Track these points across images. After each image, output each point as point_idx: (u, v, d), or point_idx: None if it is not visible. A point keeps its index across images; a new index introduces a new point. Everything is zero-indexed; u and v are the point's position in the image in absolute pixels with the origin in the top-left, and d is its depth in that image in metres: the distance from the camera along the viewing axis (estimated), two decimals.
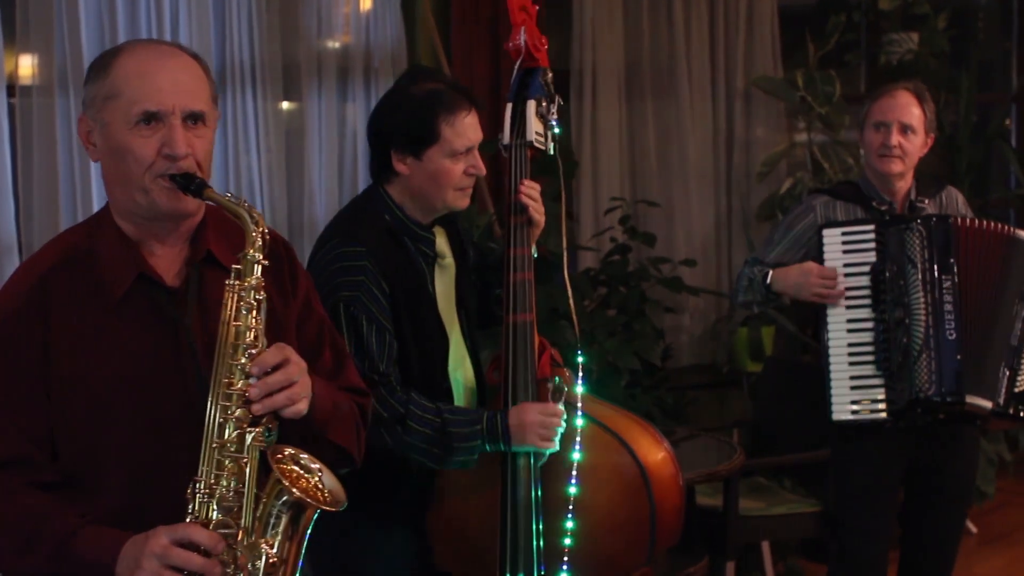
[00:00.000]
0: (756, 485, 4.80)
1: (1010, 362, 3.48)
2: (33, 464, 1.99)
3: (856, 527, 3.65)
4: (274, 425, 1.98)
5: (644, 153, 5.71)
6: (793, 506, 4.54)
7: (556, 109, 3.02)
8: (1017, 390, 3.49)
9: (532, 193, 2.95)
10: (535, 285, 2.91)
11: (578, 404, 2.84)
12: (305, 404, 1.98)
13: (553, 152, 3.05)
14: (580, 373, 2.88)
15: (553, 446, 2.79)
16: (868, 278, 3.50)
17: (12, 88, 4.24)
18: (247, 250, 1.99)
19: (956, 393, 3.42)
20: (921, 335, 3.43)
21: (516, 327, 2.85)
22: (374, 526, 2.87)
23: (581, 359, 2.91)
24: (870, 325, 3.49)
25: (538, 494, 2.81)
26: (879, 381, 3.47)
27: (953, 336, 3.41)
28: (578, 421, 2.83)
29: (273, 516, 1.95)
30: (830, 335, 3.53)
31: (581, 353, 2.93)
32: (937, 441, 3.58)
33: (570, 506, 2.79)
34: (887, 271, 3.48)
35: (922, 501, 3.66)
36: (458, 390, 2.93)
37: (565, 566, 2.79)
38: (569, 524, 2.79)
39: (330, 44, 4.87)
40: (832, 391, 3.51)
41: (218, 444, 1.94)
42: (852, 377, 3.49)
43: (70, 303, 2.02)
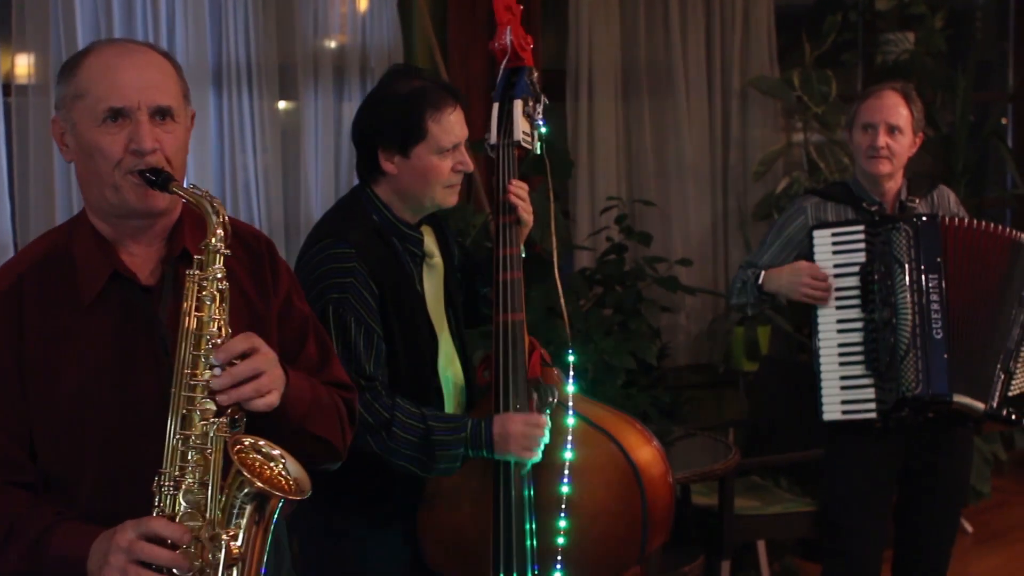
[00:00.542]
0: (752, 484, 4.81)
1: (1006, 364, 3.48)
2: (13, 464, 2.00)
3: (849, 528, 3.66)
4: (240, 416, 1.96)
5: (640, 153, 5.71)
6: (789, 505, 4.55)
7: (542, 108, 3.02)
8: (1012, 393, 3.49)
9: (520, 193, 2.95)
10: (526, 284, 2.91)
11: (569, 403, 2.84)
12: (276, 396, 1.96)
13: (540, 152, 3.04)
14: (571, 372, 2.88)
15: (535, 456, 2.78)
16: (858, 278, 3.52)
17: (8, 87, 4.24)
18: (208, 239, 1.98)
19: (943, 392, 3.42)
20: (908, 334, 3.44)
21: (506, 326, 2.85)
22: (367, 527, 2.87)
23: (572, 358, 2.91)
24: (859, 325, 3.51)
25: (530, 493, 2.81)
26: (868, 381, 3.49)
27: (940, 335, 3.42)
28: (569, 420, 2.83)
29: (236, 508, 1.91)
30: (820, 335, 3.55)
31: (572, 352, 2.93)
32: (930, 442, 3.58)
33: (563, 505, 2.79)
34: (875, 271, 3.50)
35: (916, 502, 3.67)
36: (448, 389, 2.93)
37: (558, 565, 2.79)
38: (562, 523, 2.79)
39: (326, 44, 4.87)
40: (822, 391, 3.54)
41: (182, 436, 1.92)
42: (842, 377, 3.52)
43: (46, 304, 2.03)
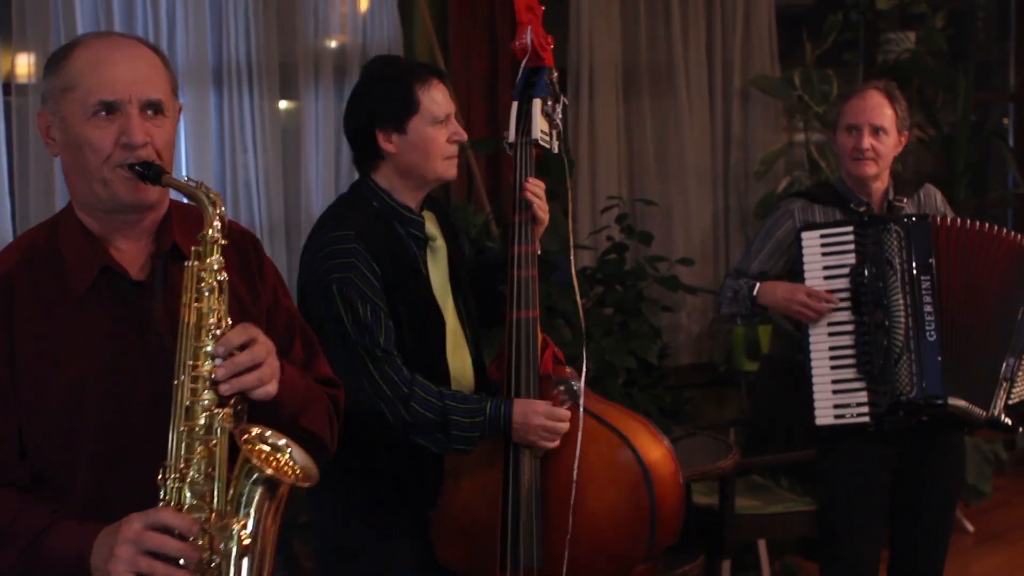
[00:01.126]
0: (753, 484, 4.80)
1: (1008, 372, 3.43)
2: (2, 463, 1.98)
3: (846, 531, 3.62)
4: (243, 407, 1.96)
5: (641, 152, 5.70)
6: (789, 505, 4.55)
7: (561, 108, 3.06)
8: (1012, 401, 3.45)
9: (536, 191, 2.97)
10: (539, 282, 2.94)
11: (580, 400, 2.85)
12: (275, 386, 1.96)
13: (558, 151, 3.08)
14: (584, 369, 2.89)
15: (554, 445, 2.81)
16: (848, 280, 3.47)
17: (8, 86, 4.25)
18: (205, 231, 1.97)
19: (938, 395, 3.38)
20: (901, 337, 3.40)
21: (520, 323, 2.88)
22: (379, 518, 2.89)
23: (584, 355, 2.92)
24: (851, 328, 3.47)
25: (539, 490, 2.83)
26: (861, 385, 3.45)
27: (934, 337, 3.38)
28: (580, 417, 2.84)
29: (245, 497, 1.92)
30: (812, 339, 3.51)
31: (584, 349, 2.94)
32: (923, 445, 3.54)
33: (571, 501, 2.80)
34: (866, 273, 3.45)
35: (910, 505, 3.63)
36: (455, 373, 2.95)
37: (565, 561, 2.80)
38: (570, 519, 2.79)
39: (327, 43, 4.87)
40: (815, 395, 3.49)
41: (186, 428, 1.92)
42: (834, 381, 3.47)
43: (34, 301, 2.01)
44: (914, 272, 3.41)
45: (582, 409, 2.84)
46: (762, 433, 4.89)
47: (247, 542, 1.91)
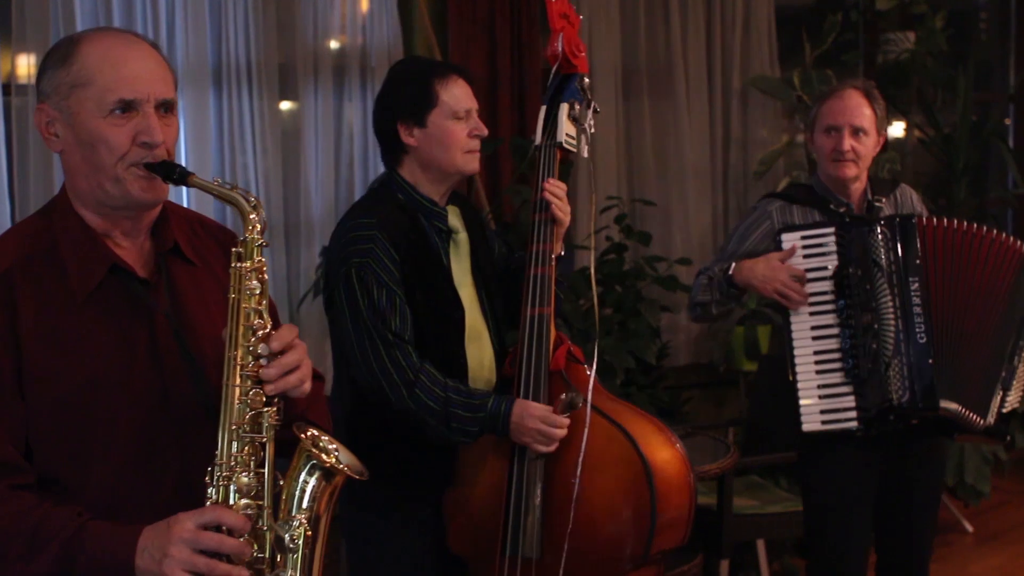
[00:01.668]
0: (751, 483, 4.81)
1: (1005, 381, 3.39)
2: (14, 467, 1.95)
3: (832, 539, 3.53)
4: (282, 405, 2.00)
5: (641, 152, 5.72)
6: (788, 504, 4.55)
7: (592, 113, 3.11)
8: (1005, 410, 3.40)
9: (556, 191, 3.03)
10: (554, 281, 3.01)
11: (580, 402, 2.88)
12: (310, 384, 2.02)
13: (586, 155, 3.14)
14: (594, 366, 2.93)
15: (548, 450, 2.86)
16: (831, 283, 3.38)
17: (8, 87, 4.27)
18: (247, 233, 2.00)
19: (930, 399, 3.30)
20: (892, 340, 3.32)
21: (533, 319, 2.94)
22: (393, 506, 2.97)
23: (595, 351, 2.95)
24: (836, 331, 3.37)
25: (543, 482, 2.87)
26: (848, 389, 3.35)
27: (923, 340, 3.30)
28: (587, 413, 2.87)
29: (300, 489, 1.99)
30: (795, 343, 3.40)
31: (596, 347, 2.97)
32: (908, 447, 3.48)
33: (573, 494, 2.83)
34: (851, 274, 3.37)
35: (896, 506, 3.55)
36: (472, 364, 3.01)
37: (564, 554, 2.82)
38: (571, 512, 2.83)
39: (327, 44, 4.88)
40: (800, 401, 3.38)
41: (236, 426, 1.95)
42: (820, 386, 3.37)
43: (38, 298, 1.98)
44: (902, 273, 3.34)
45: (589, 405, 2.88)
46: (761, 433, 4.89)
47: (309, 533, 1.98)
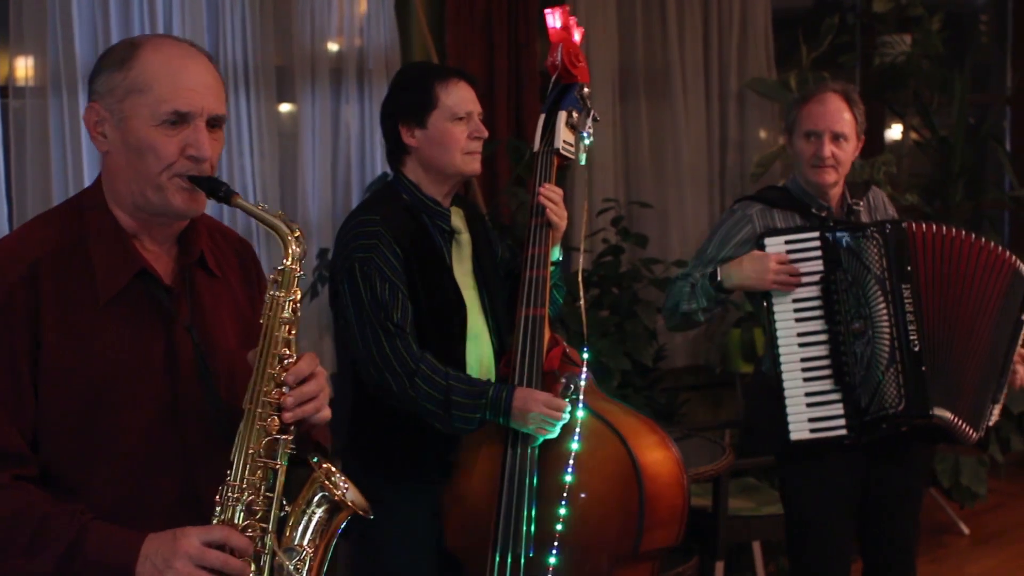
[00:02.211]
0: (747, 485, 4.82)
1: (995, 395, 3.36)
2: (21, 457, 1.96)
3: (812, 552, 3.48)
4: (296, 430, 2.02)
5: (638, 154, 5.72)
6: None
7: (591, 121, 3.17)
8: (991, 423, 3.39)
9: (552, 196, 3.07)
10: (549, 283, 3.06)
11: (580, 396, 2.92)
12: (328, 411, 2.04)
13: (583, 163, 3.23)
14: (584, 368, 2.98)
15: (550, 434, 2.90)
16: (818, 288, 3.32)
17: (6, 89, 4.27)
18: (285, 262, 2.01)
19: (924, 407, 3.26)
20: (887, 348, 3.26)
21: (528, 320, 2.98)
22: (398, 499, 2.99)
23: (587, 354, 3.01)
24: (824, 338, 3.31)
25: (534, 481, 2.90)
26: (837, 396, 3.29)
27: (917, 348, 3.25)
28: (579, 412, 2.92)
29: (307, 518, 2.02)
30: (781, 350, 3.32)
31: (587, 348, 3.03)
32: (886, 456, 3.42)
33: (564, 494, 2.86)
34: (838, 280, 3.31)
35: (879, 511, 3.49)
36: (472, 363, 3.06)
37: (554, 551, 2.86)
38: (562, 511, 2.86)
39: (324, 46, 4.89)
40: (788, 409, 3.30)
41: (253, 450, 1.97)
42: (807, 394, 3.30)
43: (63, 293, 1.98)
44: (895, 280, 3.28)
45: (580, 404, 2.91)
46: (756, 435, 4.88)
47: (309, 561, 2.01)
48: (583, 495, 2.88)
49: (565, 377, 2.93)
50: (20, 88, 4.28)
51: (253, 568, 1.95)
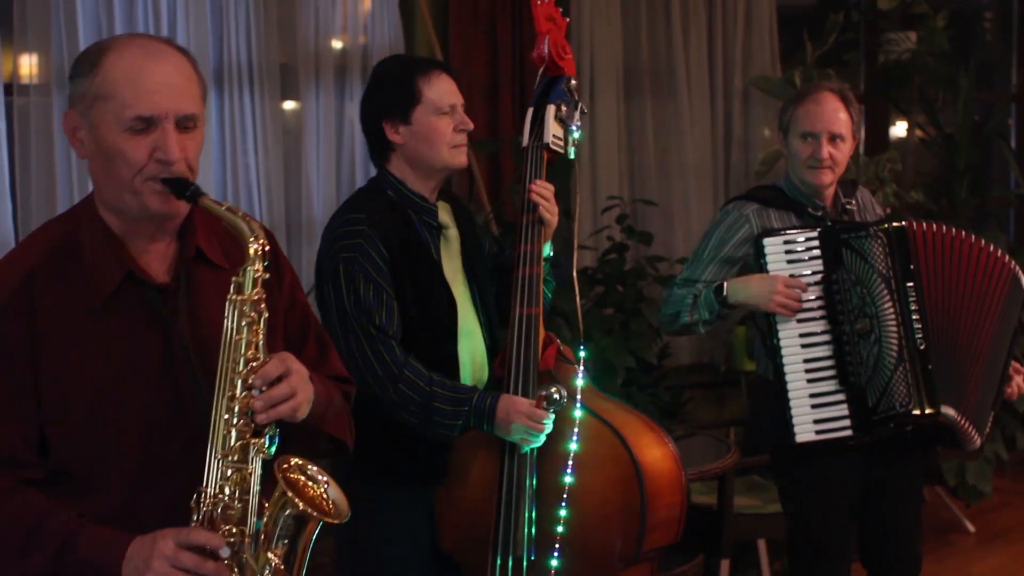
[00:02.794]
0: (752, 483, 4.81)
1: (996, 402, 3.35)
2: (23, 462, 1.98)
3: (812, 551, 3.46)
4: (275, 433, 2.00)
5: (642, 152, 5.72)
6: None
7: (579, 115, 3.13)
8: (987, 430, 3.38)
9: (544, 192, 3.04)
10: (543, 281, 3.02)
11: (578, 396, 2.89)
12: (305, 409, 2.02)
13: (573, 156, 3.16)
14: (581, 367, 2.95)
15: (533, 444, 2.87)
16: (819, 288, 3.30)
17: (10, 87, 4.26)
18: (246, 264, 1.99)
19: (932, 405, 3.23)
20: (895, 348, 3.24)
21: (522, 319, 2.95)
22: (391, 501, 2.96)
23: (583, 353, 2.98)
24: (827, 339, 3.28)
25: (533, 482, 2.88)
26: (841, 397, 3.26)
27: (923, 347, 3.24)
28: (577, 412, 2.89)
29: (279, 527, 1.98)
30: (784, 352, 3.28)
31: (584, 348, 3.00)
32: (886, 456, 3.41)
33: (564, 495, 2.84)
34: (840, 280, 3.29)
35: (877, 518, 3.48)
36: (464, 360, 3.02)
37: (555, 553, 2.84)
38: (562, 512, 2.84)
39: (328, 44, 4.88)
40: (792, 411, 3.26)
41: (222, 455, 1.96)
42: (812, 395, 3.27)
43: (58, 301, 2.00)
44: (901, 279, 3.26)
45: (578, 404, 2.88)
46: (761, 433, 4.87)
47: (282, 569, 1.98)
48: (584, 496, 2.85)
49: (545, 389, 2.86)
50: (24, 86, 4.28)
51: (235, 571, 1.94)
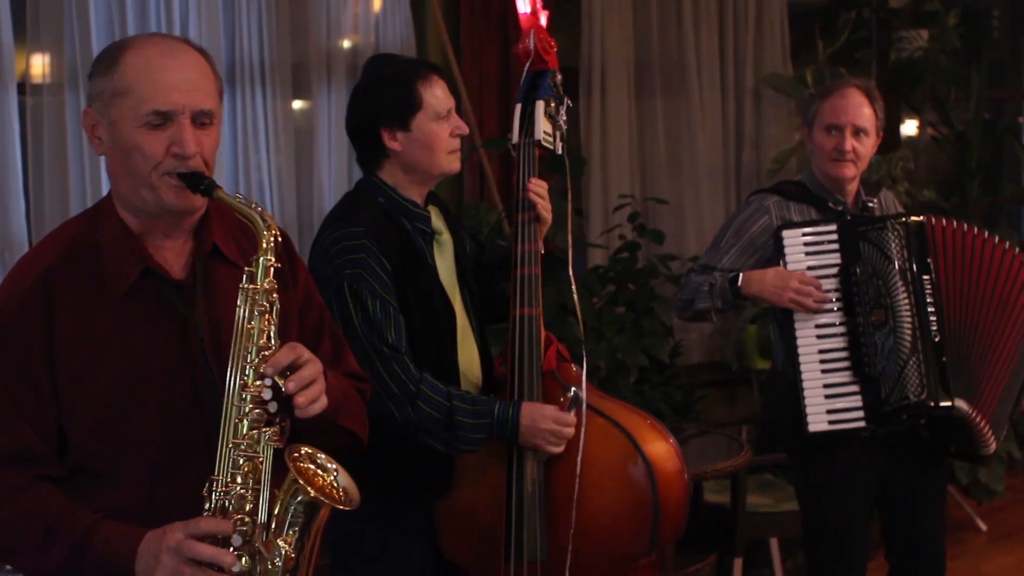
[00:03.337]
0: (764, 482, 4.81)
1: (1014, 411, 3.37)
2: (40, 458, 2.00)
3: (829, 547, 3.48)
4: (287, 423, 2.01)
5: (653, 150, 5.72)
6: None
7: (565, 110, 3.09)
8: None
9: (539, 191, 3.00)
10: (542, 281, 2.97)
11: (583, 396, 2.87)
12: (324, 402, 2.02)
13: (561, 152, 3.10)
14: (584, 367, 2.92)
15: (559, 451, 2.84)
16: (836, 280, 3.33)
17: (23, 86, 4.27)
18: (259, 254, 2.01)
19: (944, 397, 3.26)
20: (909, 338, 3.27)
21: (523, 320, 2.91)
22: (386, 513, 2.91)
23: (584, 353, 2.94)
24: (842, 330, 3.31)
25: (543, 485, 2.85)
26: (855, 388, 3.29)
27: (938, 339, 3.27)
28: (583, 413, 2.86)
29: (290, 515, 1.99)
30: (799, 343, 3.33)
31: (583, 347, 2.97)
32: (907, 454, 3.43)
33: (574, 496, 2.82)
34: (857, 272, 3.31)
35: (900, 516, 3.50)
36: (463, 364, 2.97)
37: (568, 555, 2.81)
38: (573, 514, 2.82)
39: (340, 43, 4.89)
40: (806, 401, 3.30)
41: (233, 444, 1.97)
42: (826, 385, 3.30)
43: (75, 298, 2.02)
44: (916, 272, 3.30)
45: (584, 405, 2.87)
46: (773, 431, 4.87)
47: (293, 556, 1.98)
48: (595, 496, 2.83)
49: (567, 390, 2.85)
50: (37, 85, 4.28)
51: (244, 560, 1.95)
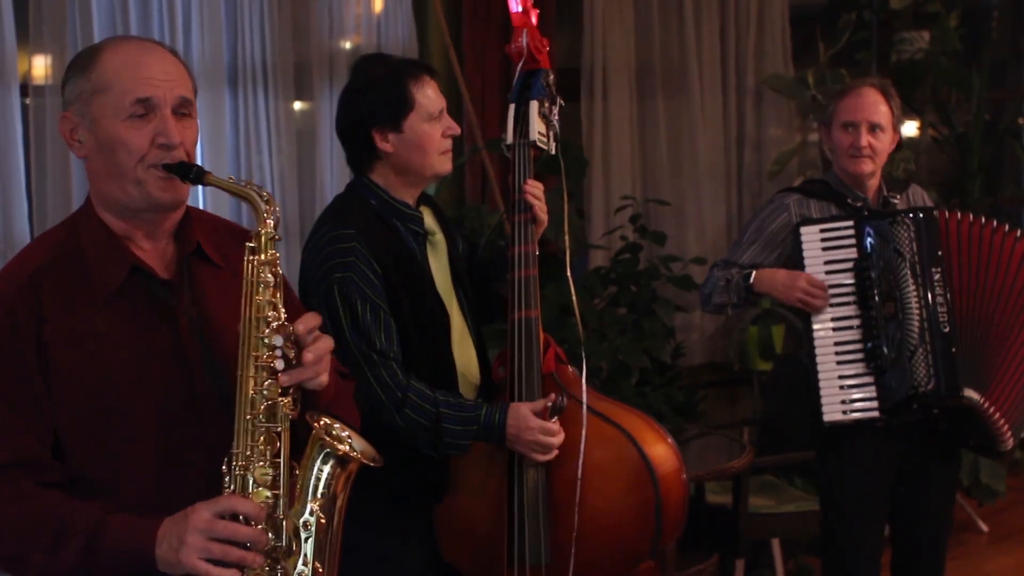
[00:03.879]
0: (766, 483, 4.81)
1: None
2: (42, 465, 1.99)
3: (847, 535, 3.56)
4: (299, 396, 2.02)
5: (655, 152, 5.72)
6: (803, 504, 4.54)
7: (558, 110, 3.06)
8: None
9: (535, 192, 2.98)
10: (540, 283, 2.95)
11: (583, 399, 2.86)
12: (327, 376, 2.04)
13: (555, 152, 3.09)
14: (584, 369, 2.90)
15: (547, 459, 2.82)
16: (851, 275, 3.43)
17: (26, 88, 4.27)
18: (260, 227, 2.02)
19: (952, 386, 3.33)
20: (916, 329, 3.35)
21: (521, 323, 2.89)
22: (384, 517, 2.90)
23: (584, 355, 2.93)
24: (857, 322, 3.42)
25: (544, 488, 2.84)
26: (870, 379, 3.39)
27: (947, 330, 3.34)
28: (583, 416, 2.84)
29: (315, 478, 2.01)
30: (816, 335, 3.44)
31: (583, 348, 2.98)
32: (923, 447, 3.50)
33: (576, 498, 2.81)
34: (872, 266, 3.41)
35: (911, 504, 3.57)
36: (460, 366, 2.96)
37: (572, 558, 2.81)
38: (575, 516, 2.81)
39: (342, 44, 4.89)
40: (821, 392, 3.41)
41: (251, 416, 1.97)
42: (841, 376, 3.41)
43: (62, 301, 2.02)
44: (925, 264, 3.37)
45: (585, 407, 2.85)
46: (775, 432, 4.88)
47: (323, 520, 1.99)
48: (597, 498, 2.83)
49: (552, 401, 2.83)
50: (39, 87, 4.28)
51: (272, 535, 1.95)
